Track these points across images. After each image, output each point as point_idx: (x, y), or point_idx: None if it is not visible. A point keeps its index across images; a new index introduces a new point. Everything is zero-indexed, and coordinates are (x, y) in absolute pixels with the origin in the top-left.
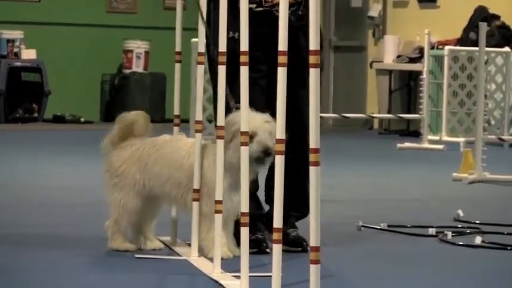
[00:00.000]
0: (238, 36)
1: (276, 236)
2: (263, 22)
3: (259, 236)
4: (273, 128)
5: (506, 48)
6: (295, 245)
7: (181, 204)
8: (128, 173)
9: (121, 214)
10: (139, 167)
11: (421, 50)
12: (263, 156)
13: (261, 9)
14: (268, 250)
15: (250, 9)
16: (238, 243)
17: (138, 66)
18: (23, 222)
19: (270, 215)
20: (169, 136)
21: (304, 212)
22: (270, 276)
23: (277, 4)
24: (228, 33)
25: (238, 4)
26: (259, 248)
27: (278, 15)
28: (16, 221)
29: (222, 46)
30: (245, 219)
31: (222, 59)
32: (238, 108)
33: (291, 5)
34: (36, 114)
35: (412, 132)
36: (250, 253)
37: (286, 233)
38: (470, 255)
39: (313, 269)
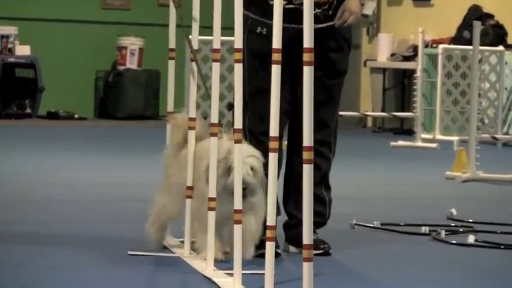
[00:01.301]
0: (266, 32)
1: (269, 233)
2: (292, 20)
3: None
4: (255, 163)
5: (500, 47)
6: (315, 247)
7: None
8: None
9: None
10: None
11: (415, 49)
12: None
13: (291, 6)
14: (279, 251)
15: None
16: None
17: (132, 63)
18: (16, 219)
19: (287, 224)
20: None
21: (322, 215)
22: (263, 273)
23: None
24: (256, 29)
25: (268, 0)
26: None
27: None
28: (9, 218)
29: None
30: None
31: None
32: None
33: (321, 4)
34: (30, 111)
35: (405, 130)
36: (259, 255)
37: None
38: (463, 254)
39: (306, 267)
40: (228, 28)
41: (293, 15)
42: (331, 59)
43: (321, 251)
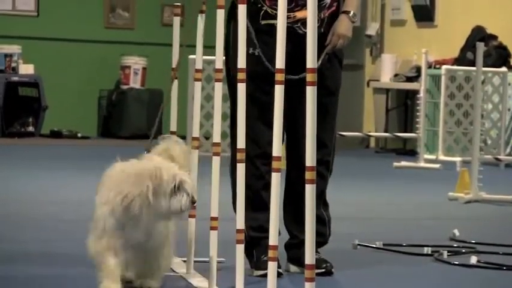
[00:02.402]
0: (258, 53)
1: (271, 254)
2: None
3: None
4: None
5: (503, 69)
6: (317, 267)
7: None
8: None
9: None
10: None
11: (418, 69)
12: (192, 205)
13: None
14: (280, 271)
15: (271, 25)
16: (251, 264)
17: (135, 82)
18: (19, 237)
19: (289, 244)
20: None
21: (322, 234)
22: None
23: (300, 20)
24: (248, 50)
25: (259, 20)
26: (267, 269)
27: (301, 32)
28: (11, 236)
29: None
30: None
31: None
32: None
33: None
34: (33, 129)
35: (408, 151)
36: (262, 275)
37: None
38: (465, 274)
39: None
40: None
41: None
42: (324, 76)
43: (323, 270)
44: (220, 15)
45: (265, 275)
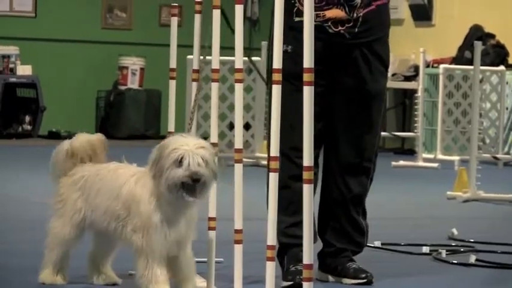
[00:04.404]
0: (291, 49)
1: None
2: (316, 38)
3: (299, 268)
4: (207, 155)
5: (501, 67)
6: (357, 277)
7: (121, 238)
8: (68, 200)
9: (53, 243)
10: (81, 196)
11: (416, 69)
12: (191, 182)
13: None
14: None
15: (302, 22)
16: (283, 276)
17: (133, 83)
18: (17, 239)
19: (324, 252)
20: (114, 164)
21: (360, 244)
22: None
23: (330, 19)
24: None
25: (293, 16)
26: (294, 280)
27: (331, 31)
28: (9, 237)
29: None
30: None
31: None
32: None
33: (345, 21)
34: (31, 130)
35: (406, 150)
36: (284, 286)
37: (344, 267)
38: (464, 273)
39: (306, 286)
40: (228, 48)
41: (315, 33)
42: (365, 80)
43: (364, 280)
44: (217, 15)
45: (289, 287)
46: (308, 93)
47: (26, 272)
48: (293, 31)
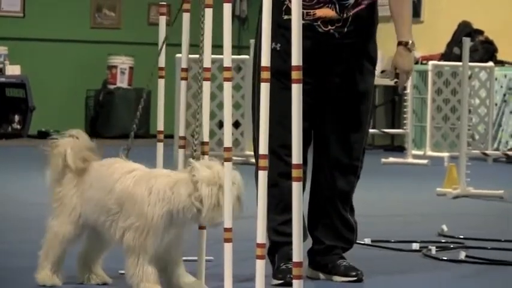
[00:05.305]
0: (280, 47)
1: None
2: (304, 36)
3: (290, 266)
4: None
5: (490, 63)
6: (348, 274)
7: (110, 233)
8: (65, 198)
9: (52, 242)
10: (76, 193)
11: None
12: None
13: (302, 22)
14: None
15: (291, 20)
16: (274, 274)
17: (122, 82)
18: (6, 238)
19: (314, 250)
20: (110, 159)
21: (350, 240)
22: None
23: (320, 18)
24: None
25: (282, 14)
26: (284, 279)
27: (320, 30)
28: (9, 237)
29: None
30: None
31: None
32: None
33: (335, 21)
34: (20, 130)
35: (396, 147)
36: (275, 285)
37: (335, 264)
38: (454, 270)
39: (296, 285)
40: (217, 46)
41: (304, 32)
42: (354, 80)
43: (355, 278)
44: (208, 14)
45: (280, 285)
46: (296, 91)
47: (26, 272)
48: (282, 29)
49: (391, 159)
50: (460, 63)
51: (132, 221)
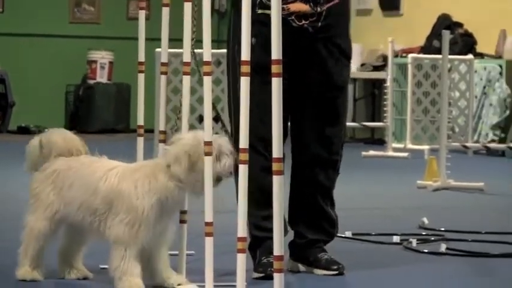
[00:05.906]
0: (255, 42)
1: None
2: None
3: (271, 260)
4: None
5: (469, 56)
6: (329, 268)
7: (98, 233)
8: (41, 194)
9: (29, 238)
10: (53, 190)
11: (384, 58)
12: (227, 176)
13: None
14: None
15: (268, 15)
16: (255, 267)
17: (102, 77)
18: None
19: (295, 243)
20: (88, 157)
21: (331, 234)
22: (234, 285)
23: (294, 13)
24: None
25: (256, 9)
26: (265, 272)
27: (294, 25)
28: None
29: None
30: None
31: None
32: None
33: (309, 16)
34: (0, 125)
35: (376, 140)
36: (256, 278)
37: (316, 257)
38: (435, 262)
39: (277, 278)
40: (197, 41)
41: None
42: (330, 72)
43: (336, 272)
44: (188, 8)
45: (260, 278)
46: (276, 85)
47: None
48: (256, 23)
49: (372, 153)
50: (439, 56)
51: (122, 217)
